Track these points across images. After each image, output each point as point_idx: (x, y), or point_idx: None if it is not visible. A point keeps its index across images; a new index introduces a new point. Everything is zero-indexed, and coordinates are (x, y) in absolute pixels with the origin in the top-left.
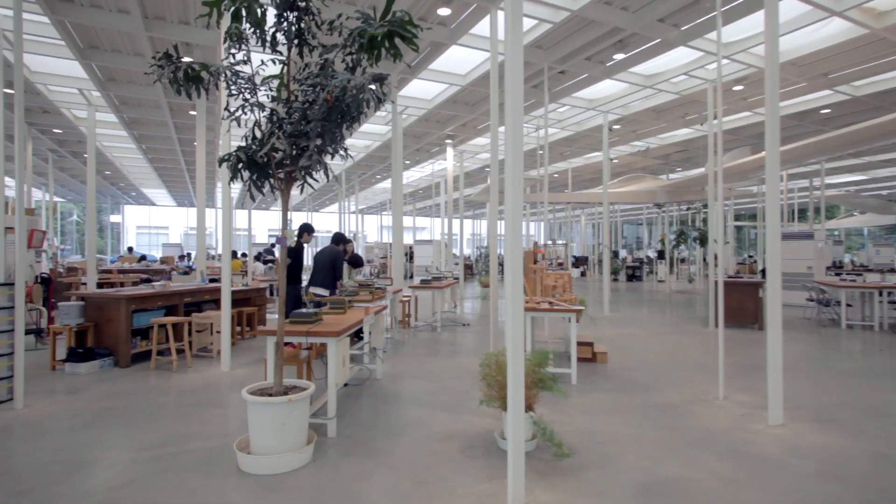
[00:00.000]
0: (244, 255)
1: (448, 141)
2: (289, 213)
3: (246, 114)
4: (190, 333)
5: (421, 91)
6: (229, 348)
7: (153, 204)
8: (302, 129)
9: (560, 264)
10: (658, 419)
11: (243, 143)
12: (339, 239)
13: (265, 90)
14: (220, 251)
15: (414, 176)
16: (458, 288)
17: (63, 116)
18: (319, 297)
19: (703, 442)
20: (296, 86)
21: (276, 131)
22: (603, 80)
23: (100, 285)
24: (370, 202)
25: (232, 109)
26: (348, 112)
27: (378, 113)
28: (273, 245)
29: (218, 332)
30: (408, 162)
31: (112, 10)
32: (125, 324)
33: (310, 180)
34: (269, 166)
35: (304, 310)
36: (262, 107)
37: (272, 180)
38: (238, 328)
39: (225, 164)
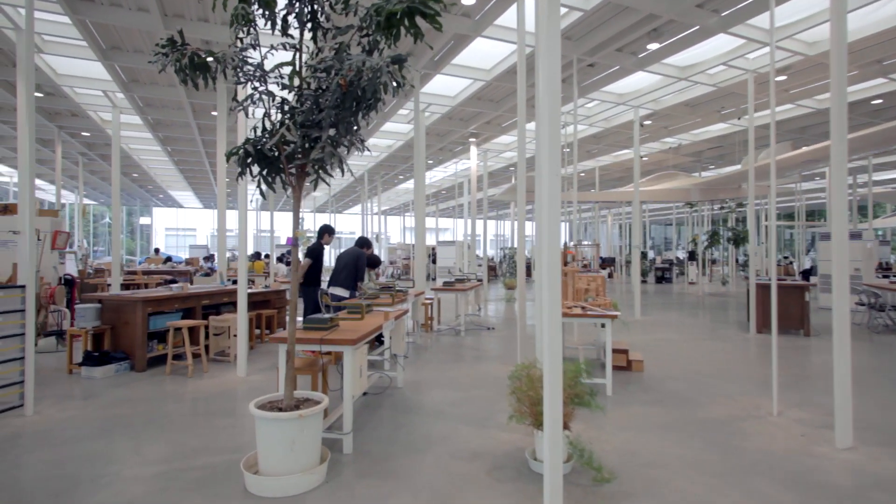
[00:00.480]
0: (267, 256)
1: (472, 139)
2: (303, 211)
3: (255, 103)
4: (207, 337)
5: (444, 87)
6: (245, 353)
7: (180, 206)
8: (314, 119)
9: (585, 266)
10: (707, 438)
11: (252, 136)
12: (363, 242)
13: (275, 77)
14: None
15: (437, 176)
16: (482, 290)
17: (90, 119)
18: (338, 298)
19: (762, 467)
20: (308, 72)
21: (287, 121)
22: (635, 73)
23: (126, 287)
24: (393, 203)
25: (241, 99)
26: (364, 98)
27: (400, 111)
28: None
29: (235, 335)
30: (430, 161)
31: (132, 9)
32: (141, 327)
33: (323, 175)
34: (279, 160)
35: (319, 315)
36: (271, 95)
37: (283, 175)
38: (257, 331)
39: (233, 159)
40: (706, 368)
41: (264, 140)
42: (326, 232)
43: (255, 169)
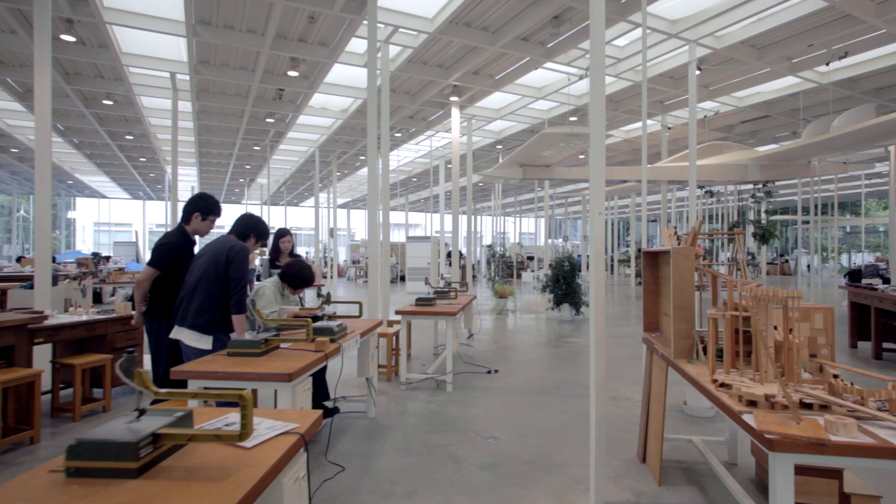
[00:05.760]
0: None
1: (453, 98)
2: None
3: None
4: None
5: (415, 3)
6: None
7: (103, 196)
8: None
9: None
10: None
11: None
12: (247, 227)
13: None
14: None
15: (407, 157)
16: (475, 306)
17: None
18: (191, 353)
19: None
20: None
21: None
22: None
23: None
24: (357, 193)
25: None
26: None
27: (353, 45)
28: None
29: None
30: (398, 134)
31: None
32: None
33: None
34: None
35: None
36: None
37: None
38: (67, 392)
39: None
40: None
41: None
42: (197, 209)
43: None
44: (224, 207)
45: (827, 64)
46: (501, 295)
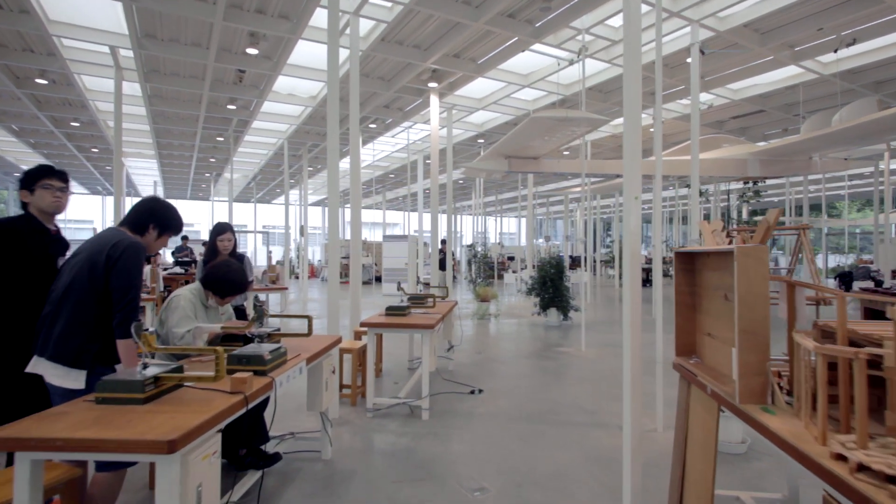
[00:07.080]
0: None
1: (432, 84)
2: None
3: None
4: None
5: None
6: None
7: None
8: None
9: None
10: None
11: None
12: (145, 215)
13: None
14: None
15: (382, 151)
16: (456, 312)
17: None
18: (59, 394)
19: None
20: None
21: None
22: None
23: None
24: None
25: None
26: None
27: (321, 21)
28: (185, 239)
29: None
30: (373, 126)
31: None
32: None
33: None
34: None
35: None
36: None
37: None
38: None
39: None
40: None
41: None
42: (23, 189)
43: None
44: (190, 205)
45: (835, 51)
46: (484, 298)
